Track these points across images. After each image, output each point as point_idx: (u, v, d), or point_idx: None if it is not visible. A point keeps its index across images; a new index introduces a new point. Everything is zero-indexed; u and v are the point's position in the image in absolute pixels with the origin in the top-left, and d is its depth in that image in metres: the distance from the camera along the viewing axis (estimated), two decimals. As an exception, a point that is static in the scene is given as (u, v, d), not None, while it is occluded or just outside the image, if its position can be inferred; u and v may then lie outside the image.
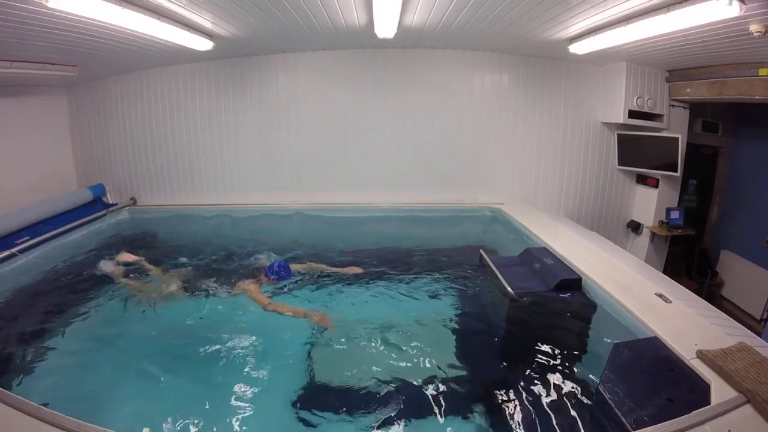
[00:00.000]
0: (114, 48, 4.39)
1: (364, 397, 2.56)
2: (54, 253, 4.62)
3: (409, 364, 2.85)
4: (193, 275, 4.16)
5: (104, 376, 2.78)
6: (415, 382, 2.67)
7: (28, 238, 4.51)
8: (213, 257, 4.73)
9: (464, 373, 2.79)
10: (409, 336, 3.17)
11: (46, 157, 5.77)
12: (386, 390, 2.60)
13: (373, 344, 3.07)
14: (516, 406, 2.42)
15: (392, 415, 2.41)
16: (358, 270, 4.37)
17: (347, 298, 3.81)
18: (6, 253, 4.16)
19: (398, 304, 3.70)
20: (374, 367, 2.80)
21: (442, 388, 2.65)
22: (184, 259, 4.64)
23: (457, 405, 2.50)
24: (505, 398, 2.49)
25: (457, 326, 3.32)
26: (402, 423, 2.35)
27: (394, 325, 3.28)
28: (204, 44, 4.48)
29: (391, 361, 2.88)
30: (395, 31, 4.33)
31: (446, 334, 3.22)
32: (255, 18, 4.04)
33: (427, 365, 2.84)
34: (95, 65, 5.11)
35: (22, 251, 4.31)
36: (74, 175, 6.19)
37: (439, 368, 2.82)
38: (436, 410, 2.45)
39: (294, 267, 4.17)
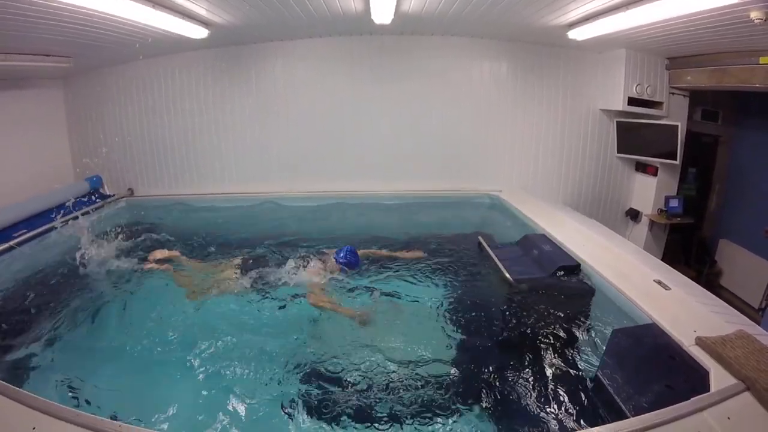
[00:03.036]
0: (108, 38, 4.34)
1: (361, 384, 2.56)
2: (51, 246, 4.59)
3: (406, 351, 2.84)
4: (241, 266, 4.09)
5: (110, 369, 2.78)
6: (413, 370, 2.67)
7: (25, 231, 4.48)
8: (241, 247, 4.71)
9: (462, 359, 2.79)
10: (406, 323, 3.17)
11: (43, 149, 5.73)
12: (383, 377, 2.60)
13: (369, 331, 3.06)
14: (514, 392, 2.42)
15: (390, 403, 2.41)
16: (419, 254, 4.34)
17: (345, 285, 3.79)
18: (4, 246, 4.14)
19: (396, 290, 3.69)
20: (371, 355, 2.80)
21: (440, 374, 2.65)
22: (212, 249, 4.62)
23: (455, 391, 2.50)
24: (504, 384, 2.49)
25: (454, 313, 3.32)
26: (400, 411, 2.35)
27: (389, 313, 3.28)
28: (199, 32, 4.43)
29: (388, 348, 2.87)
30: (392, 16, 4.29)
31: (444, 321, 3.21)
32: (250, 4, 4.00)
33: (425, 352, 2.84)
34: (90, 56, 5.06)
35: (19, 244, 4.29)
36: (71, 167, 6.16)
37: (437, 354, 2.81)
38: (435, 397, 2.45)
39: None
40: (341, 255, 3.94)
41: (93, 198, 5.74)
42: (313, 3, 4.10)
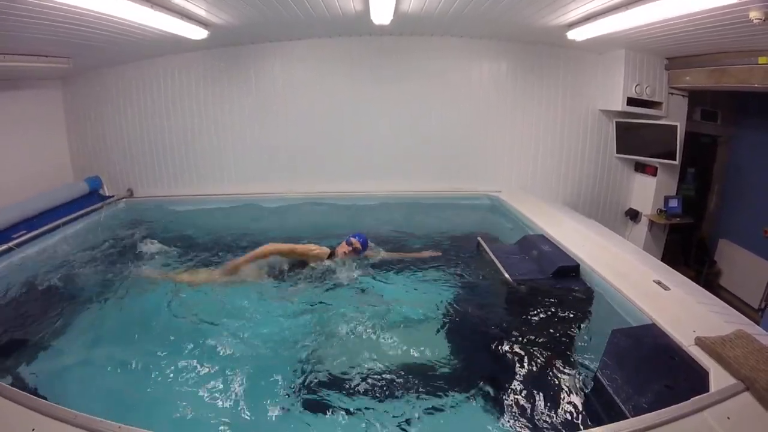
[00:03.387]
0: (107, 38, 4.34)
1: (360, 384, 2.56)
2: (51, 247, 4.59)
3: (405, 352, 2.84)
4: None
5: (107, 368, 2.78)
6: (411, 370, 2.67)
7: (24, 232, 4.48)
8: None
9: (461, 360, 2.79)
10: (405, 323, 3.16)
11: (42, 150, 5.74)
12: (382, 378, 2.60)
13: (369, 332, 3.06)
14: (513, 392, 2.42)
15: (389, 402, 2.40)
16: (435, 253, 4.36)
17: (345, 286, 3.80)
18: (3, 247, 4.14)
19: (395, 291, 3.69)
20: (370, 355, 2.79)
21: (439, 375, 2.65)
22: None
23: (453, 392, 2.49)
24: (502, 385, 2.49)
25: (454, 313, 3.31)
26: (399, 410, 2.35)
27: (390, 313, 3.27)
28: (199, 33, 4.43)
29: (386, 349, 2.87)
30: (391, 17, 4.29)
31: (443, 322, 3.21)
32: (249, 5, 4.00)
33: (424, 352, 2.83)
34: (89, 57, 5.06)
35: (19, 245, 4.29)
36: (70, 168, 6.16)
37: (436, 355, 2.81)
38: (433, 397, 2.44)
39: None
40: (352, 236, 4.09)
41: (92, 199, 5.75)
42: (311, 3, 4.10)
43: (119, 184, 6.20)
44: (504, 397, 2.42)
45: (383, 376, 2.62)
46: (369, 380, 2.59)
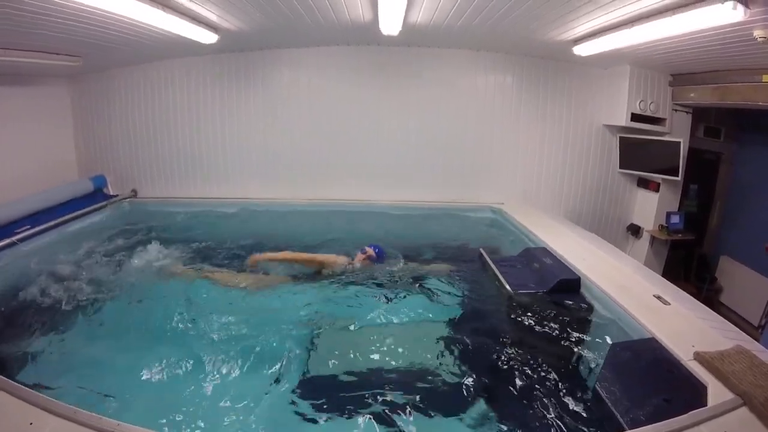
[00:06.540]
0: (119, 39, 4.39)
1: (360, 393, 2.56)
2: (53, 243, 4.60)
3: (405, 362, 2.84)
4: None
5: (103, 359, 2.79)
6: (410, 380, 2.67)
7: (28, 227, 4.51)
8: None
9: (460, 369, 2.79)
10: (406, 334, 3.17)
11: (48, 147, 5.76)
12: (381, 387, 2.59)
13: (369, 341, 3.07)
14: (511, 403, 2.42)
15: (386, 411, 2.40)
16: (451, 268, 4.32)
17: (347, 294, 3.80)
18: (6, 241, 4.16)
19: (396, 301, 3.70)
20: (369, 365, 2.80)
21: (438, 386, 2.64)
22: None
23: (452, 402, 2.49)
24: (501, 396, 2.49)
25: (454, 324, 3.32)
26: (396, 420, 2.35)
27: (391, 323, 3.28)
28: (209, 37, 4.48)
29: (386, 359, 2.88)
30: (400, 28, 4.33)
31: (444, 332, 3.22)
32: (260, 12, 4.05)
33: (424, 363, 2.84)
34: (100, 56, 5.10)
35: (21, 240, 4.31)
36: (75, 166, 6.19)
37: (436, 366, 2.81)
38: (432, 408, 2.44)
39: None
40: (371, 246, 4.26)
41: (96, 198, 5.78)
42: (321, 12, 4.14)
43: (124, 184, 6.23)
44: (502, 408, 2.42)
45: (381, 381, 2.63)
46: (366, 385, 2.59)
